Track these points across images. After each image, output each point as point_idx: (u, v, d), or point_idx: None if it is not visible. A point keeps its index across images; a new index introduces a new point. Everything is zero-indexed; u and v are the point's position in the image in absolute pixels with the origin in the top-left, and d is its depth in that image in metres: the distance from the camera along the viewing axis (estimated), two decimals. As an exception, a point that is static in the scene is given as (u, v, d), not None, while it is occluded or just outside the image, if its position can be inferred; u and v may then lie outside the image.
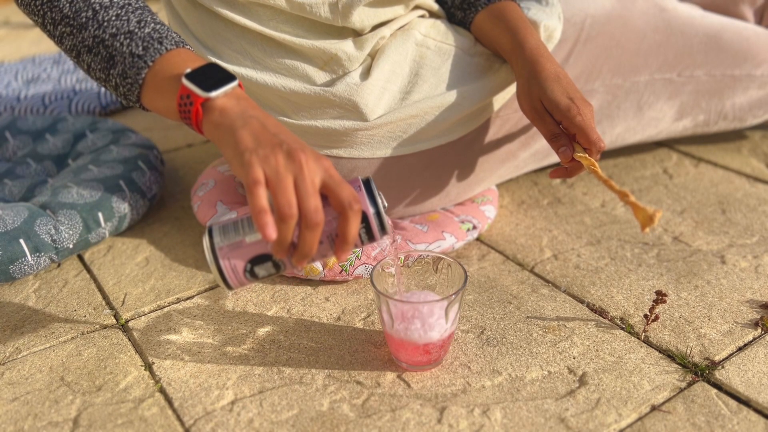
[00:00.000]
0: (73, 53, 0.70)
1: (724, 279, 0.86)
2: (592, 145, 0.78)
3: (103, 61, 0.68)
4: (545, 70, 0.82)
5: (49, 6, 0.69)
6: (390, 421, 0.66)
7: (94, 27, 0.68)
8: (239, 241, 0.63)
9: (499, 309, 0.82)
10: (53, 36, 0.71)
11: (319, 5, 0.81)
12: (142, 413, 0.68)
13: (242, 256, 0.63)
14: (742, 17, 1.12)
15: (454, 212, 0.96)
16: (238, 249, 0.63)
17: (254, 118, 0.62)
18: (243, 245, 0.62)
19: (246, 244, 0.63)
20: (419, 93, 0.86)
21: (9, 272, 0.87)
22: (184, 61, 0.66)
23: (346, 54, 0.83)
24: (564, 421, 0.65)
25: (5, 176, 1.09)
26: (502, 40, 0.87)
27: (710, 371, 0.71)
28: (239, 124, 0.61)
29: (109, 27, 0.67)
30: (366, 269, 0.86)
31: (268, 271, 0.64)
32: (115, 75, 0.68)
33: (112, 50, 0.67)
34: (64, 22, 0.69)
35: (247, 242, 0.63)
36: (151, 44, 0.67)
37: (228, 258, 0.63)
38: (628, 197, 0.72)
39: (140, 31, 0.67)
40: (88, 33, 0.68)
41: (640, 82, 1.01)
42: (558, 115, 0.80)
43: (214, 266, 0.63)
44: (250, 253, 0.63)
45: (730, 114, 1.09)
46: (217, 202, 0.98)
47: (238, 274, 0.63)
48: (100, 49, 0.68)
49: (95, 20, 0.68)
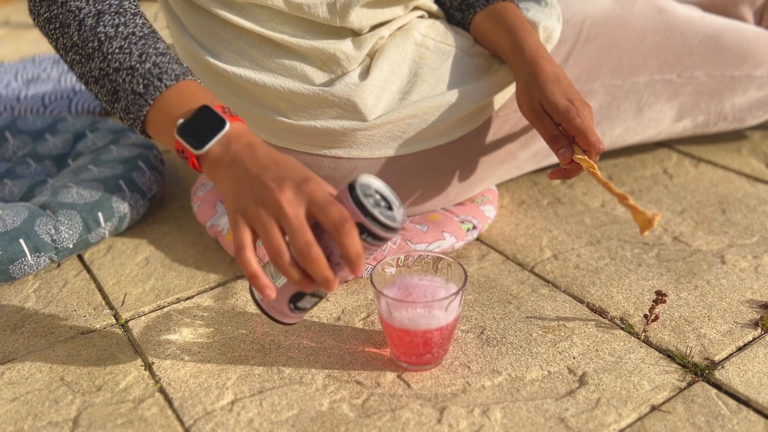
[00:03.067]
0: (82, 80, 0.72)
1: (724, 279, 0.86)
2: (591, 146, 0.79)
3: (108, 94, 0.69)
4: (544, 71, 0.82)
5: (61, 32, 0.71)
6: (390, 421, 0.66)
7: (99, 59, 0.69)
8: None
9: (499, 309, 0.82)
10: (65, 61, 0.73)
11: (317, 5, 0.81)
12: (142, 413, 0.68)
13: (281, 300, 0.66)
14: (742, 18, 1.12)
15: (454, 212, 0.96)
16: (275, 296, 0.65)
17: (237, 164, 0.62)
18: (277, 291, 0.64)
19: (279, 290, 0.65)
20: (418, 93, 0.86)
21: (9, 272, 0.87)
22: (179, 104, 0.66)
23: (344, 54, 0.83)
24: (564, 421, 0.65)
25: (5, 176, 1.09)
26: (501, 41, 0.87)
27: (710, 371, 0.71)
28: (224, 177, 0.63)
29: (113, 60, 0.68)
30: (366, 269, 0.86)
31: (312, 301, 0.66)
32: (119, 109, 0.69)
33: (115, 85, 0.68)
34: (74, 50, 0.71)
35: (279, 288, 0.65)
36: (151, 82, 0.67)
37: (272, 307, 0.67)
38: (627, 200, 0.72)
39: (141, 67, 0.68)
40: (95, 64, 0.69)
41: (640, 83, 1.01)
42: (557, 116, 0.80)
43: (267, 317, 0.66)
44: (286, 296, 0.66)
45: (730, 115, 1.09)
46: (217, 202, 0.98)
47: (287, 314, 0.67)
48: (105, 82, 0.69)
49: (100, 51, 0.69)
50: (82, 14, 0.70)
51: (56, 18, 0.71)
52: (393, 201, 0.63)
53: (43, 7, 0.72)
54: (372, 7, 0.84)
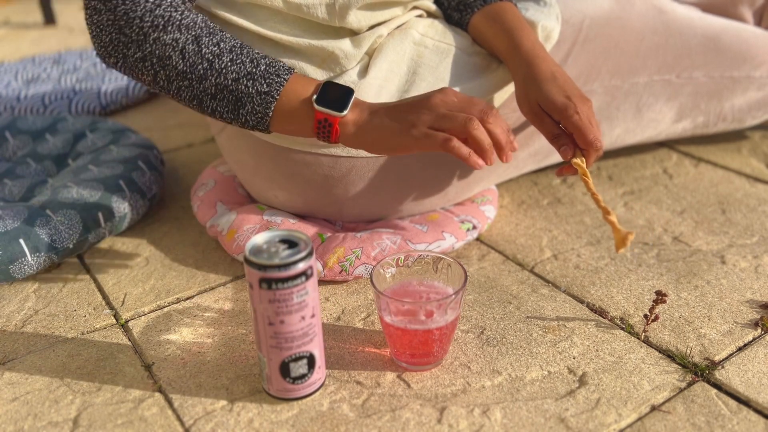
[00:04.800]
0: (194, 102, 0.77)
1: (724, 279, 0.86)
2: (589, 145, 0.79)
3: (229, 104, 0.75)
4: (541, 71, 0.82)
5: (161, 65, 0.74)
6: (390, 421, 0.66)
7: (213, 76, 0.74)
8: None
9: (499, 309, 0.82)
10: (168, 91, 0.77)
11: (316, 6, 0.81)
12: (142, 413, 0.68)
13: (276, 379, 0.68)
14: (741, 19, 1.12)
15: (454, 212, 0.96)
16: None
17: (381, 109, 0.75)
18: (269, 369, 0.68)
19: (268, 373, 0.68)
20: (417, 92, 0.86)
21: (9, 272, 0.87)
22: (303, 87, 0.75)
23: (343, 52, 0.84)
24: (564, 421, 0.66)
25: (5, 176, 1.09)
26: (498, 41, 0.87)
27: (710, 371, 0.71)
28: (377, 123, 0.75)
29: (229, 73, 0.74)
30: (366, 269, 0.86)
31: (299, 365, 0.67)
32: (245, 113, 0.75)
33: (237, 93, 0.74)
34: (180, 77, 0.75)
35: (267, 372, 0.68)
36: (273, 80, 0.74)
37: (277, 390, 0.68)
38: (609, 215, 0.73)
39: (257, 70, 0.74)
40: (209, 82, 0.74)
41: (639, 84, 1.01)
42: (556, 115, 0.80)
43: (285, 401, 0.69)
44: (277, 371, 0.67)
45: (729, 115, 1.09)
46: (217, 202, 0.98)
47: (292, 389, 0.68)
48: (225, 94, 0.75)
49: (213, 69, 0.74)
50: (181, 43, 0.74)
51: (152, 54, 0.74)
52: (296, 238, 0.65)
53: (131, 49, 0.74)
54: (371, 9, 0.84)
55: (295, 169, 0.89)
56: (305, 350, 0.66)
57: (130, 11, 0.73)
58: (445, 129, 0.73)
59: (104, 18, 0.74)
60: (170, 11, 0.74)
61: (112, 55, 0.76)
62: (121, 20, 0.73)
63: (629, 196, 1.07)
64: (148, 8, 0.73)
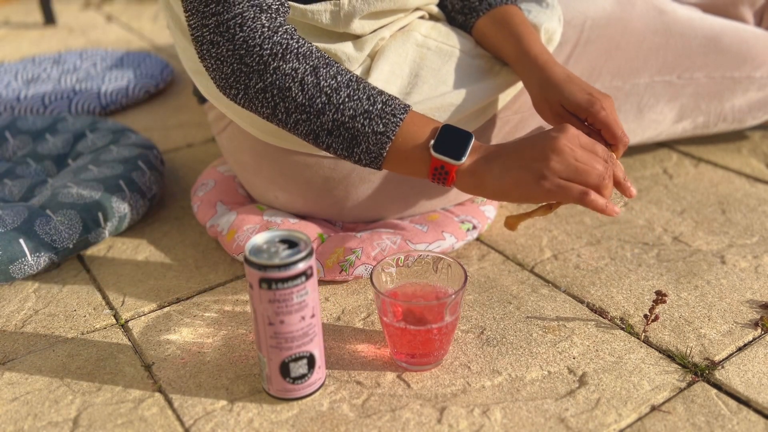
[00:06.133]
0: (310, 137, 0.75)
1: (724, 279, 0.86)
2: (617, 140, 0.79)
3: (345, 141, 0.73)
4: (555, 74, 0.82)
5: (281, 97, 0.73)
6: (390, 421, 0.66)
7: (331, 111, 0.72)
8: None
9: (499, 309, 0.82)
10: (286, 124, 0.75)
11: (321, 12, 0.81)
12: (142, 413, 0.68)
13: (276, 379, 0.68)
14: (742, 19, 1.12)
15: (454, 212, 0.96)
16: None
17: (498, 156, 0.72)
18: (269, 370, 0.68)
19: (268, 372, 0.68)
20: (419, 94, 0.86)
21: (9, 272, 0.87)
22: (421, 129, 0.73)
23: (345, 54, 0.83)
24: (564, 421, 0.66)
25: (5, 176, 1.09)
26: (506, 45, 0.87)
27: (710, 371, 0.71)
28: (497, 172, 0.71)
29: (347, 109, 0.72)
30: (366, 269, 0.86)
31: (299, 364, 0.67)
32: (359, 152, 0.74)
33: (353, 131, 0.73)
34: (299, 110, 0.73)
35: (267, 372, 0.68)
36: (389, 120, 0.72)
37: (277, 390, 0.68)
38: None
39: (374, 108, 0.73)
40: (327, 117, 0.73)
41: (640, 85, 1.01)
42: (582, 113, 0.79)
43: (283, 401, 0.69)
44: (277, 371, 0.67)
45: (730, 116, 1.09)
46: (217, 202, 0.98)
47: (292, 389, 0.68)
48: (341, 131, 0.73)
49: (331, 104, 0.72)
50: (300, 74, 0.72)
51: (272, 85, 0.72)
52: (296, 238, 0.65)
53: (253, 79, 0.72)
54: (375, 18, 0.84)
55: (295, 171, 0.89)
56: (305, 350, 0.66)
57: (249, 39, 0.71)
58: (580, 182, 0.69)
59: (223, 50, 0.72)
60: (287, 38, 0.72)
61: (233, 86, 0.74)
62: (241, 49, 0.72)
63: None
64: (267, 35, 0.72)
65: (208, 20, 0.72)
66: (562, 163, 0.69)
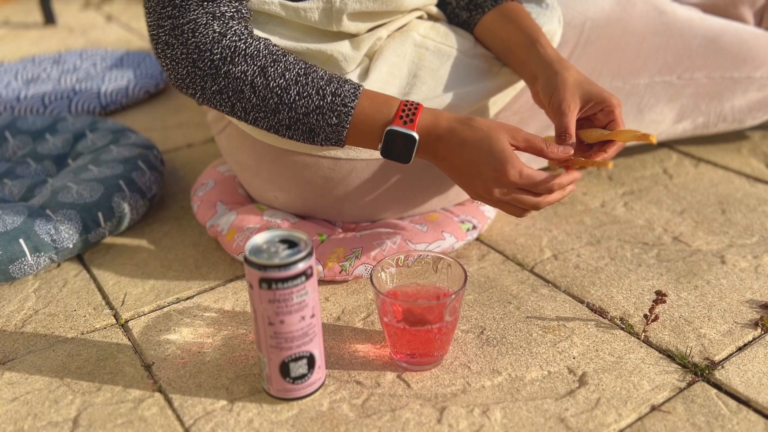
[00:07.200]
0: (271, 131, 0.79)
1: (724, 279, 0.86)
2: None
3: (304, 134, 0.77)
4: (571, 73, 0.81)
5: (237, 98, 0.76)
6: (390, 421, 0.66)
7: (285, 110, 0.76)
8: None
9: (499, 309, 0.82)
10: (247, 120, 0.79)
11: (313, 10, 0.81)
12: (142, 413, 0.68)
13: (276, 380, 0.68)
14: (742, 19, 1.12)
15: (454, 212, 0.96)
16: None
17: (446, 161, 0.77)
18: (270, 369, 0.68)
19: (268, 372, 0.68)
20: (417, 95, 0.86)
21: (9, 272, 0.87)
22: (372, 115, 0.76)
23: (342, 55, 0.83)
24: (564, 421, 0.66)
25: (5, 176, 1.09)
26: (515, 41, 0.86)
27: (710, 371, 0.71)
28: (446, 168, 0.78)
29: (299, 107, 0.75)
30: (366, 269, 0.86)
31: (299, 364, 0.67)
32: (320, 140, 0.78)
33: (309, 126, 0.76)
34: (256, 109, 0.76)
35: (267, 372, 0.68)
36: (340, 110, 0.75)
37: (277, 390, 0.69)
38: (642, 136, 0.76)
39: (324, 102, 0.75)
40: (283, 115, 0.76)
41: (640, 85, 1.01)
42: (609, 107, 0.80)
43: (285, 401, 0.69)
44: (276, 371, 0.67)
45: (730, 116, 1.09)
46: (217, 202, 0.98)
47: (292, 389, 0.68)
48: (299, 125, 0.77)
49: (283, 104, 0.75)
50: (249, 77, 0.75)
51: (227, 88, 0.75)
52: (296, 238, 0.65)
53: (208, 82, 0.76)
54: (370, 18, 0.84)
55: (295, 171, 0.89)
56: (305, 350, 0.66)
57: (201, 44, 0.74)
58: (518, 205, 0.76)
59: (177, 52, 0.74)
60: (235, 41, 0.74)
61: (190, 87, 0.77)
62: (193, 53, 0.74)
63: (629, 196, 1.07)
64: (216, 39, 0.74)
65: (164, 22, 0.74)
66: (506, 189, 0.75)
